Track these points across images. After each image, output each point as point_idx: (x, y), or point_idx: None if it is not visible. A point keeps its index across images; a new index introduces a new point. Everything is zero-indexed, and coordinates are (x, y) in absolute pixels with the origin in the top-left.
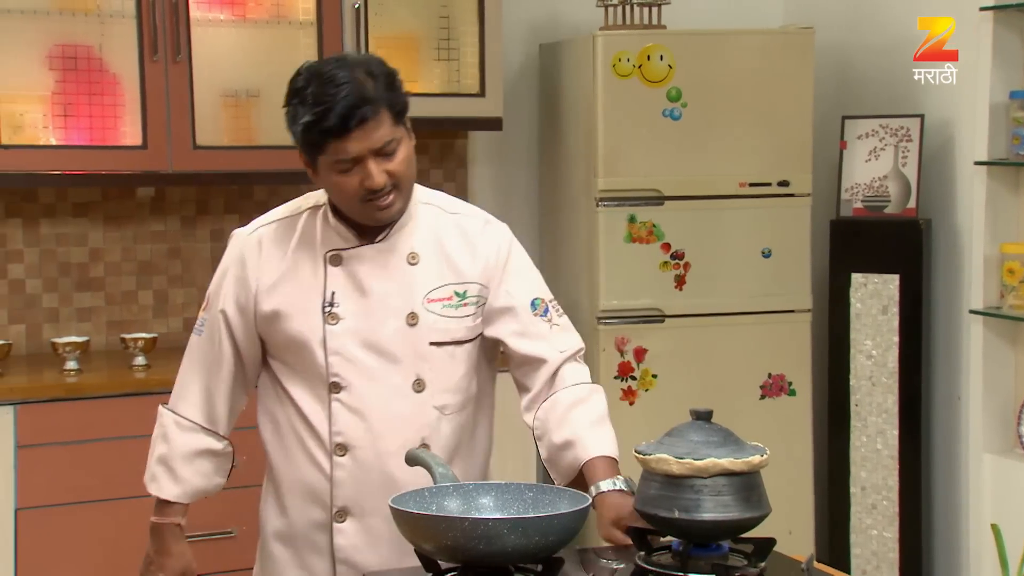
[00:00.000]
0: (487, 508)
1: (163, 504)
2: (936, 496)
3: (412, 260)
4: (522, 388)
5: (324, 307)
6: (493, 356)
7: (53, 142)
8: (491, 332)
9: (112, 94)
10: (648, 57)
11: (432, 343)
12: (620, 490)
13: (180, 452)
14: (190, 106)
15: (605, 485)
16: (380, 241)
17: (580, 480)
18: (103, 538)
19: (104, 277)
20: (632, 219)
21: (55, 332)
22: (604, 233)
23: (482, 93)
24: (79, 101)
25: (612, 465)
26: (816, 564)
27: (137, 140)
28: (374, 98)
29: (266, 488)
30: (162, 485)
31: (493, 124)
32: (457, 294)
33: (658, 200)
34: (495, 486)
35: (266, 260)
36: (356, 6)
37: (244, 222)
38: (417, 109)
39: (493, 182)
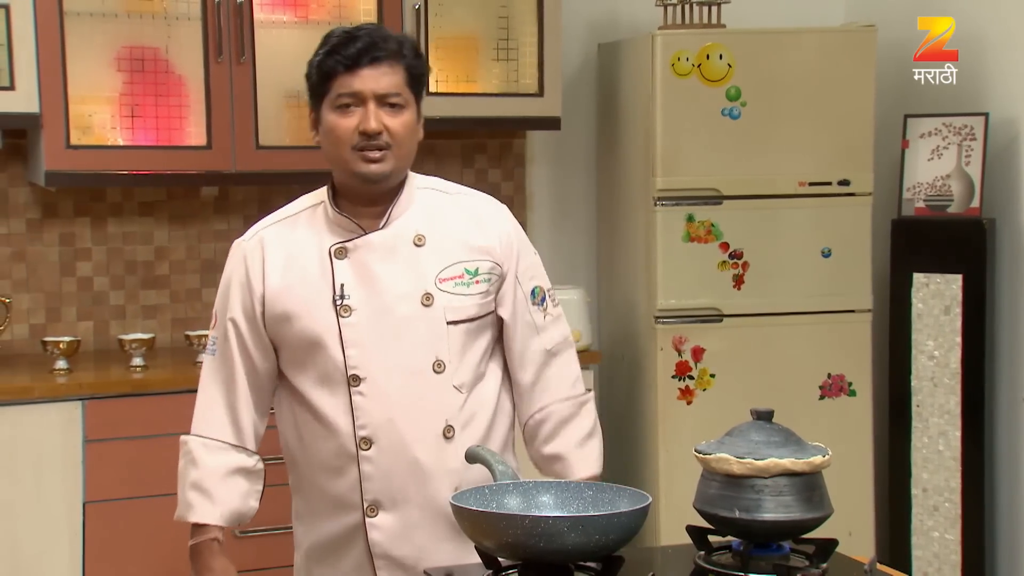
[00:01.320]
0: (547, 506)
1: (199, 526)
2: (999, 498)
3: (419, 242)
4: (513, 377)
5: (335, 300)
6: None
7: (120, 142)
8: (501, 344)
9: (178, 95)
10: (707, 56)
11: (449, 322)
12: None
13: (213, 473)
14: (253, 107)
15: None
16: (383, 228)
17: None
18: (168, 532)
19: (169, 275)
20: (690, 218)
21: (122, 329)
22: (662, 233)
23: (540, 93)
24: (146, 102)
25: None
26: (878, 566)
27: (202, 140)
28: (393, 49)
29: (294, 504)
30: (199, 509)
31: (551, 124)
32: (468, 271)
33: (717, 199)
34: (555, 484)
35: (270, 262)
36: (416, 7)
37: None
38: (476, 109)
39: (551, 182)
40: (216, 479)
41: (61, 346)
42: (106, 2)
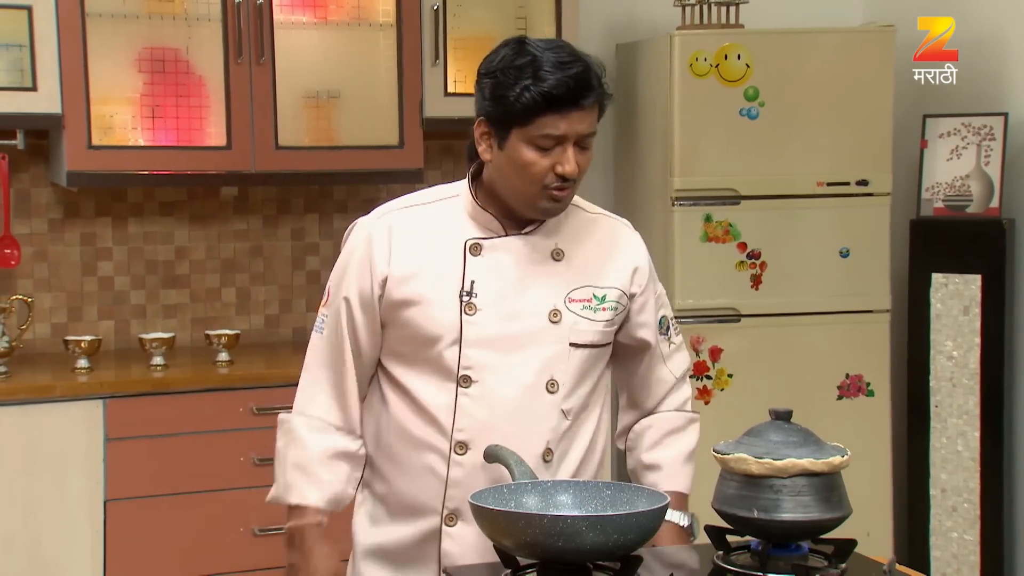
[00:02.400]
0: (565, 505)
1: (299, 508)
2: (1018, 499)
3: (557, 256)
4: (629, 399)
5: (462, 295)
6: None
7: (141, 143)
8: (622, 365)
9: (198, 95)
10: (725, 56)
11: (572, 343)
12: (681, 526)
13: (317, 455)
14: (273, 107)
15: (672, 516)
16: (527, 234)
17: None
18: (188, 529)
19: (189, 275)
20: (708, 218)
21: (142, 328)
22: (680, 232)
23: None
24: (166, 103)
25: (683, 501)
26: (897, 566)
27: (222, 141)
28: (599, 89)
29: (360, 501)
30: (303, 491)
31: None
32: (596, 297)
33: (735, 199)
34: (573, 484)
35: (398, 246)
36: (435, 8)
37: (324, 221)
38: None
39: None
40: (320, 461)
41: (82, 345)
42: (127, 3)
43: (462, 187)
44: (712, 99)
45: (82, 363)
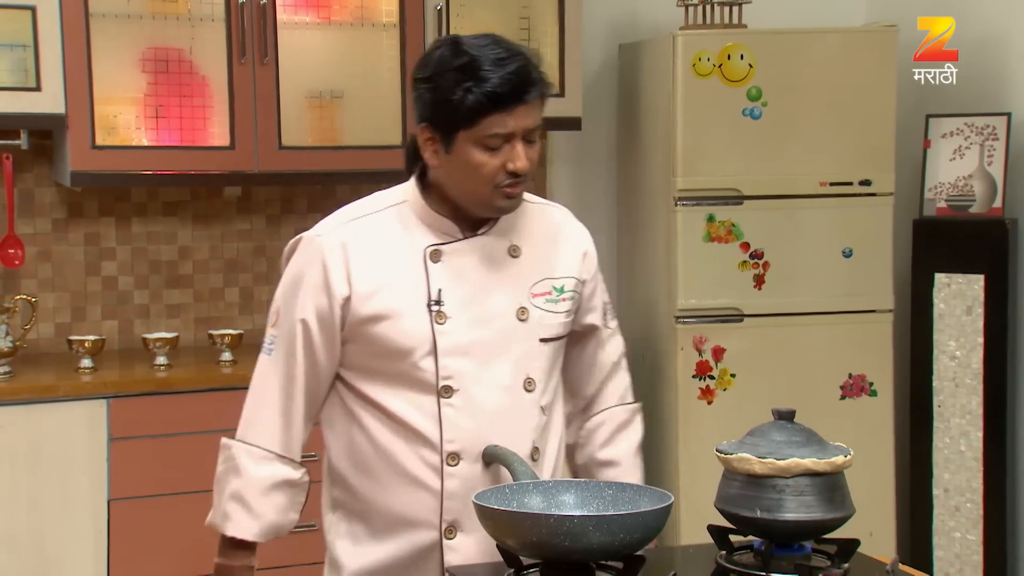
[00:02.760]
0: (568, 505)
1: (232, 545)
2: (1021, 498)
3: (514, 253)
4: (567, 386)
5: (430, 305)
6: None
7: (145, 143)
8: (572, 353)
9: (201, 96)
10: (728, 56)
11: (542, 339)
12: None
13: (256, 485)
14: (276, 107)
15: None
16: (483, 234)
17: None
18: (191, 529)
19: (192, 275)
20: (711, 218)
21: (146, 328)
22: (683, 232)
23: (562, 93)
24: (170, 103)
25: None
26: (900, 566)
27: (225, 141)
28: (543, 81)
29: (334, 523)
30: (239, 523)
31: (572, 124)
32: (555, 288)
33: (737, 199)
34: (574, 484)
35: (356, 262)
36: (438, 8)
37: None
38: None
39: (572, 181)
40: (259, 492)
41: (86, 345)
42: (131, 4)
43: (407, 192)
44: (715, 99)
45: (86, 363)
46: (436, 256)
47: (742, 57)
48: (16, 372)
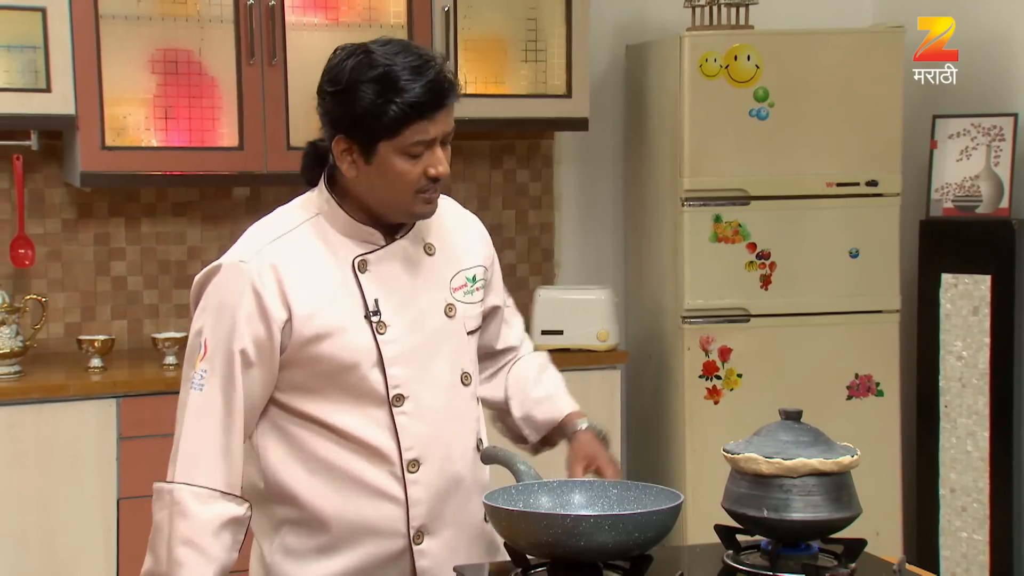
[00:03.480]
0: (579, 505)
1: None
2: None
3: (429, 251)
4: (487, 367)
5: (368, 317)
6: None
7: (154, 144)
8: (480, 331)
9: (210, 97)
10: (735, 57)
11: (469, 332)
12: (598, 432)
13: (207, 527)
14: (285, 108)
15: (584, 424)
16: (401, 237)
17: (553, 432)
18: None
19: None
20: (718, 219)
21: (155, 328)
22: (689, 233)
23: (569, 94)
24: (179, 104)
25: (590, 422)
26: (906, 566)
27: (234, 141)
28: (455, 80)
29: (283, 542)
30: (193, 569)
31: (579, 125)
32: (468, 279)
33: (744, 200)
34: (579, 483)
35: (289, 282)
36: (446, 9)
37: None
38: (504, 110)
39: (579, 182)
40: (210, 533)
41: (96, 344)
42: (140, 5)
43: (318, 204)
44: (722, 100)
45: (95, 362)
46: (363, 266)
47: (749, 58)
48: (26, 372)
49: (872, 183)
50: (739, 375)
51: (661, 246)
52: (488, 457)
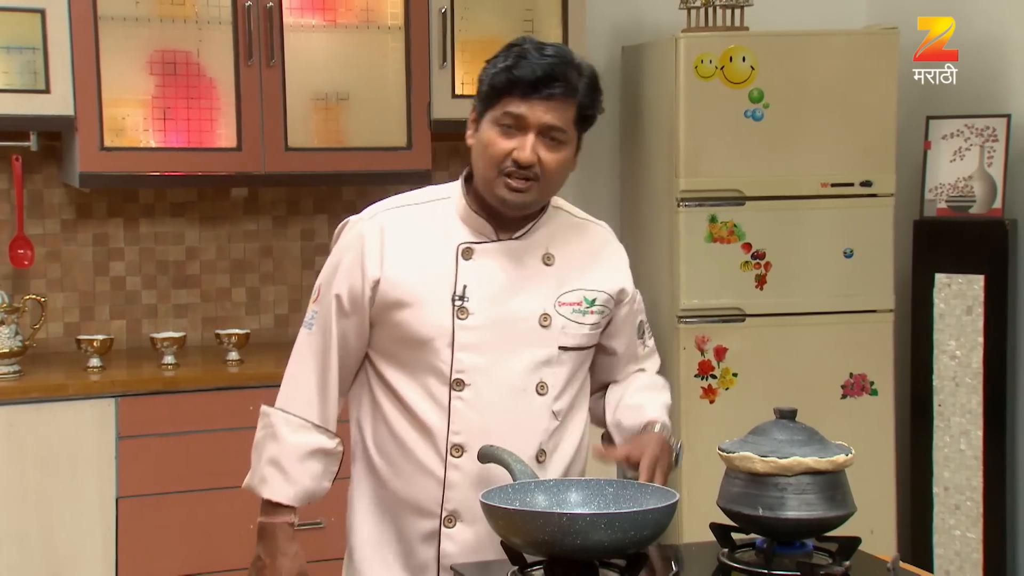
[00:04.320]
0: (575, 504)
1: (272, 504)
2: (1020, 497)
3: (548, 261)
4: (601, 386)
5: (454, 299)
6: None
7: (153, 144)
8: (595, 362)
9: (208, 98)
10: (730, 58)
11: (561, 347)
12: (666, 439)
13: (293, 452)
14: (282, 109)
15: (658, 428)
16: (517, 239)
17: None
18: (198, 526)
19: (200, 275)
20: (713, 219)
21: (153, 327)
22: (685, 233)
23: None
24: (177, 105)
25: (667, 428)
26: (900, 564)
27: (232, 142)
28: (573, 84)
29: (356, 499)
30: (274, 487)
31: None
32: (586, 300)
33: (739, 200)
34: (575, 482)
35: (390, 247)
36: (443, 11)
37: (333, 222)
38: None
39: (575, 183)
40: (295, 458)
41: (95, 344)
42: (139, 7)
43: (453, 190)
44: (717, 101)
45: (94, 362)
46: (468, 254)
47: (744, 59)
48: (25, 371)
49: (866, 183)
50: (734, 374)
51: (657, 246)
52: (484, 456)
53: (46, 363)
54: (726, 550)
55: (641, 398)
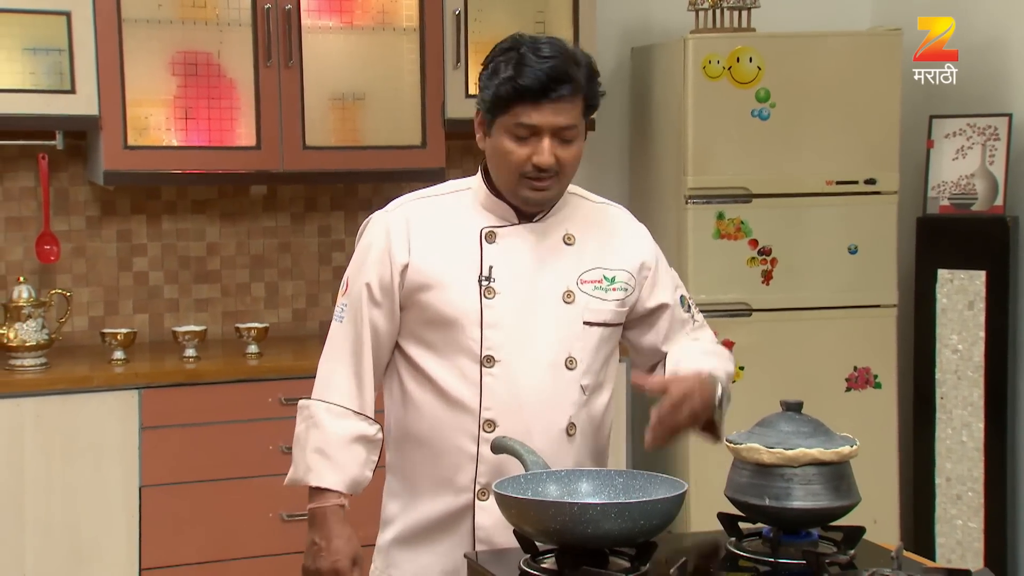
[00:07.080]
0: (586, 493)
1: (321, 491)
2: (1021, 487)
3: (568, 241)
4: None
5: (481, 280)
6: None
7: (175, 143)
8: (643, 330)
9: (229, 98)
10: (737, 59)
11: (586, 322)
12: (715, 386)
13: (337, 439)
14: (301, 109)
15: (707, 376)
16: (537, 222)
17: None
18: (219, 514)
19: (220, 270)
20: (720, 216)
21: (175, 321)
22: (693, 230)
23: None
24: (199, 105)
25: (717, 380)
26: (904, 553)
27: (251, 141)
28: (577, 81)
29: (390, 490)
30: (322, 474)
31: (586, 125)
32: (606, 278)
33: (746, 198)
34: (585, 472)
35: (416, 234)
36: (457, 12)
37: (349, 219)
38: None
39: (585, 181)
40: (339, 445)
41: (118, 338)
42: (162, 9)
43: (474, 181)
44: (725, 101)
45: (118, 355)
46: (491, 237)
47: (751, 60)
48: (52, 364)
49: (870, 181)
50: (741, 368)
51: (665, 242)
52: (498, 447)
53: (72, 356)
54: (733, 539)
55: (701, 351)
